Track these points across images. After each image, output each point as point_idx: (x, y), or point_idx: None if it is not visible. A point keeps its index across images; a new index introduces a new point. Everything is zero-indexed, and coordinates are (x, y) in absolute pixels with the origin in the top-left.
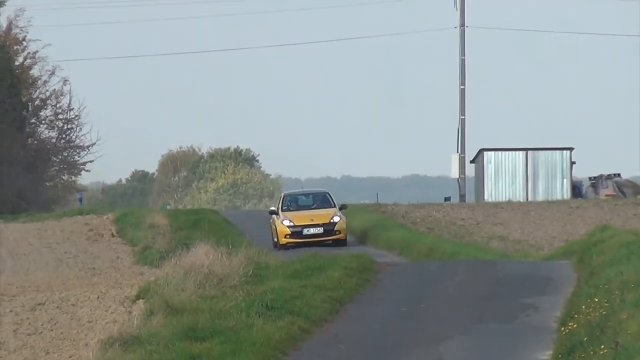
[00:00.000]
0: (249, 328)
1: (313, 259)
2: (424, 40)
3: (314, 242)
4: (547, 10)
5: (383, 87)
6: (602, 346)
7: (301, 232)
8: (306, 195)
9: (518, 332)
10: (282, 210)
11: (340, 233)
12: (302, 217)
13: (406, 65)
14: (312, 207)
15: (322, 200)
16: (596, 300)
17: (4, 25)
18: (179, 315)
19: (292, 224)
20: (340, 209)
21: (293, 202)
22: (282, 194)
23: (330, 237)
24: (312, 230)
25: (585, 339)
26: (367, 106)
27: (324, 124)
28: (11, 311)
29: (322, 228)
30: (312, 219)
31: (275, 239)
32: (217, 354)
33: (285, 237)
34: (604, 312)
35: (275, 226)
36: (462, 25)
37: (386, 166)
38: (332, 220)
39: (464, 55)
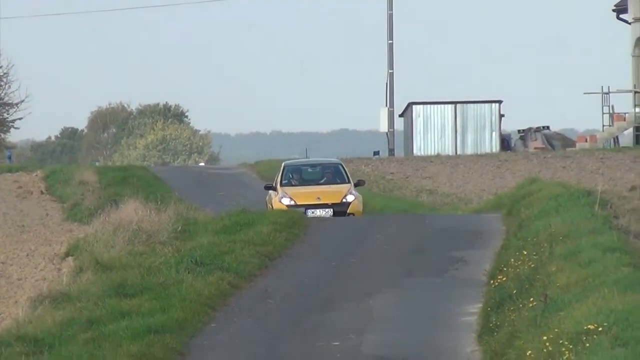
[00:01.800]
0: (179, 284)
1: (242, 215)
2: None
3: None
4: None
5: (311, 43)
6: (531, 299)
7: (305, 213)
8: (312, 166)
9: (447, 286)
10: (282, 185)
11: (354, 217)
12: (306, 195)
13: (334, 19)
14: (320, 181)
15: (332, 173)
16: (525, 253)
17: None
18: (109, 271)
19: (292, 202)
20: (356, 185)
21: (295, 175)
22: (282, 165)
23: None
24: (318, 212)
25: (515, 291)
26: (295, 61)
27: (253, 79)
28: None
29: (332, 209)
30: (320, 196)
31: None
32: (147, 310)
33: None
34: (532, 265)
35: (272, 206)
36: None
37: (316, 121)
38: (344, 200)
39: (392, 10)
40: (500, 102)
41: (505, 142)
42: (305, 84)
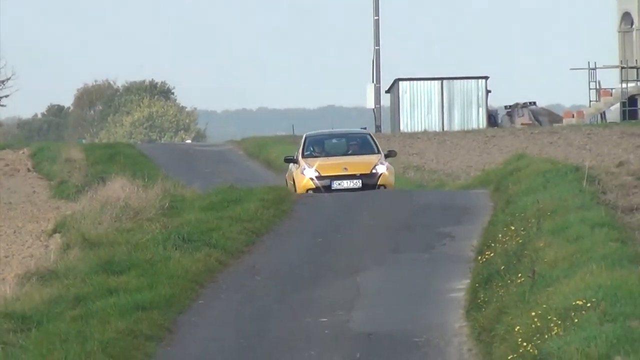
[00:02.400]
0: (166, 261)
1: (229, 191)
2: None
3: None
4: None
5: (298, 20)
6: (519, 274)
7: (330, 185)
8: (337, 137)
9: (435, 262)
10: (304, 157)
11: (386, 189)
12: (331, 166)
13: None
14: (347, 153)
15: (360, 144)
16: (513, 228)
17: None
18: (96, 248)
19: (317, 174)
20: (386, 156)
21: (318, 147)
22: (304, 136)
23: None
24: (345, 184)
25: (502, 267)
26: (282, 38)
27: (239, 56)
28: None
29: (360, 180)
30: (346, 167)
31: None
32: (134, 287)
33: (307, 192)
34: (520, 241)
35: (292, 181)
36: None
37: (302, 98)
38: (374, 171)
39: None
40: (486, 77)
41: (492, 118)
42: (292, 61)
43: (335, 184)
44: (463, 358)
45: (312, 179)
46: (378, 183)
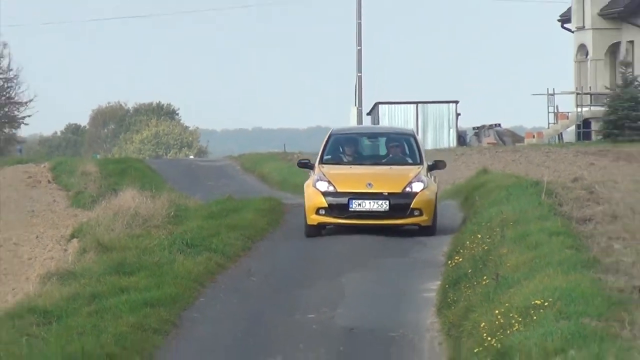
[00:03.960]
0: (171, 263)
1: (228, 202)
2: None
3: (371, 226)
4: None
5: (290, 50)
6: (485, 277)
7: (348, 205)
8: (371, 136)
9: (410, 266)
10: (321, 162)
11: (421, 214)
12: (352, 179)
13: (309, 30)
14: (382, 160)
15: (399, 148)
16: (479, 236)
17: None
18: (109, 252)
19: (331, 189)
20: (431, 168)
21: (346, 149)
22: (329, 133)
23: (401, 218)
24: (368, 205)
25: (470, 271)
26: (276, 66)
27: (237, 81)
28: None
29: (388, 201)
30: (372, 182)
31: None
32: (143, 286)
33: (316, 212)
34: (486, 247)
35: (306, 193)
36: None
37: (293, 119)
38: (407, 189)
39: (360, 19)
40: (457, 102)
41: (461, 138)
42: (284, 86)
43: (355, 205)
44: (434, 351)
45: (325, 193)
46: (412, 206)
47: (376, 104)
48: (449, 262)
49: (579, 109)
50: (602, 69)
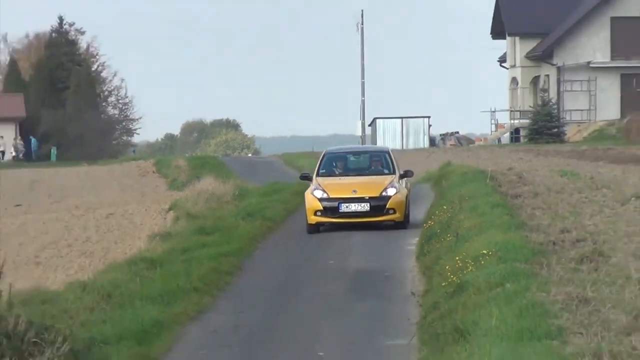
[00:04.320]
0: (237, 227)
1: (274, 185)
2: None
3: (356, 223)
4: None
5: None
6: (448, 235)
7: (338, 208)
8: (355, 154)
9: (396, 229)
10: (317, 175)
11: (395, 212)
12: (340, 187)
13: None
14: (364, 172)
15: (377, 162)
16: (445, 208)
17: (84, 46)
18: (194, 219)
19: (325, 195)
20: (402, 176)
21: (335, 164)
22: (324, 152)
23: (379, 216)
24: (353, 206)
25: (438, 231)
26: (305, 85)
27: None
28: (94, 218)
29: (369, 204)
30: (356, 189)
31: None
32: (218, 242)
33: (315, 214)
34: (449, 215)
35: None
36: (362, 38)
37: (319, 127)
38: (384, 194)
39: (363, 60)
40: (429, 117)
41: (432, 141)
42: (311, 101)
43: (344, 207)
44: (415, 284)
45: (320, 199)
46: (387, 206)
47: (375, 119)
48: (425, 225)
49: (512, 121)
50: (527, 94)
